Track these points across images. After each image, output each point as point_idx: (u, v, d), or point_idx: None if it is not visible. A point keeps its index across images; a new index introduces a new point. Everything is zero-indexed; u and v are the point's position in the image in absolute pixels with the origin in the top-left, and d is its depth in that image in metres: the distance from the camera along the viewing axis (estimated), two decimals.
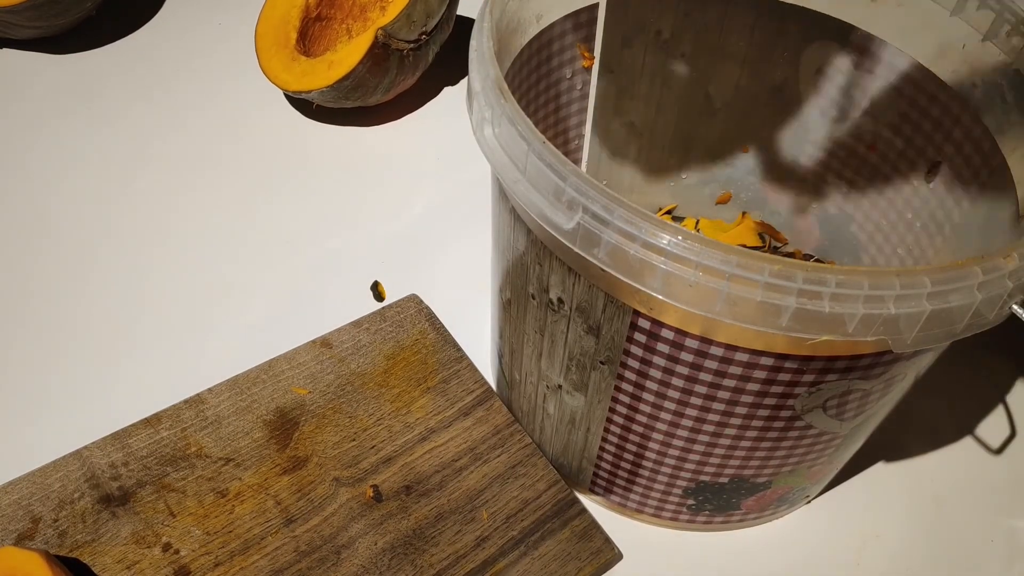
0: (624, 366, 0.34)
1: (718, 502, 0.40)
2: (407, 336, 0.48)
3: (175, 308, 0.51)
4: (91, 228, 0.55)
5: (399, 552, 0.40)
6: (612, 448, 0.39)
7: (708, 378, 0.32)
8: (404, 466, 0.43)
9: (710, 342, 0.30)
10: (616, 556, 0.42)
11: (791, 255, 0.53)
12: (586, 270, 0.31)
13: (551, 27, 0.41)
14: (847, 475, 0.46)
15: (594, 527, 0.42)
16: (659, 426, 0.36)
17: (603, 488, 0.42)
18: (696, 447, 0.36)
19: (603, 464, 0.41)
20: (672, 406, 0.34)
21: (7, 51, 0.68)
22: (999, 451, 0.48)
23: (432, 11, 0.59)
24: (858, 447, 0.40)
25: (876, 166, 0.45)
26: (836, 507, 0.45)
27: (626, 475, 0.40)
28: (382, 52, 0.58)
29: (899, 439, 0.48)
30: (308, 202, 0.58)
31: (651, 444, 0.37)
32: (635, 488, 0.41)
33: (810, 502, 0.45)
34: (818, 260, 0.52)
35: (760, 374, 0.31)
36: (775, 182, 0.51)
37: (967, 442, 0.48)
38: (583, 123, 0.48)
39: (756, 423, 0.34)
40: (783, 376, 0.31)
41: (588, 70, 0.45)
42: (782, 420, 0.34)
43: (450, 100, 0.67)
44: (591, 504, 0.44)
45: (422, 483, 0.42)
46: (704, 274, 0.26)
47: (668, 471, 0.38)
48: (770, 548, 0.43)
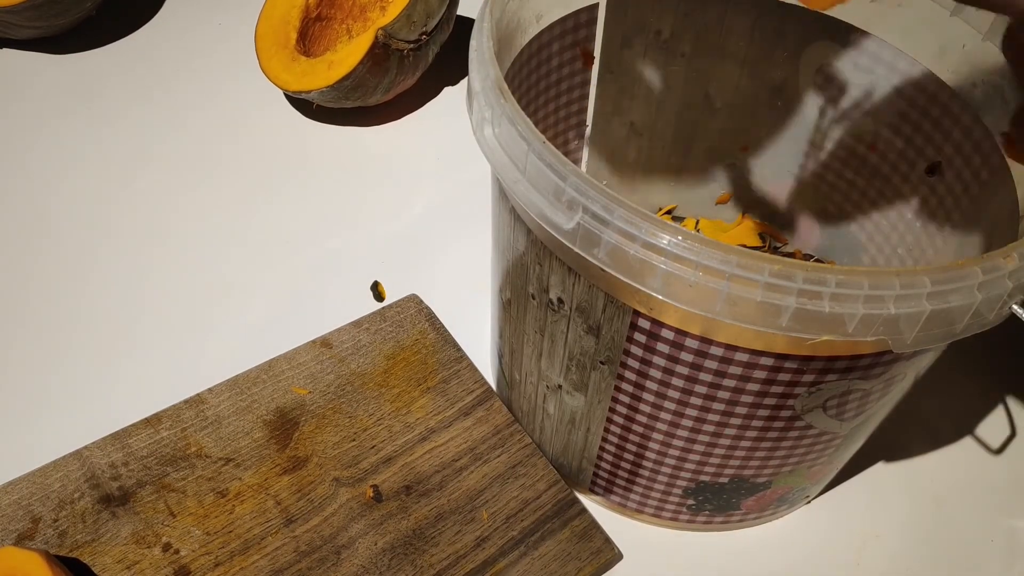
0: (624, 366, 0.34)
1: (718, 502, 0.40)
2: (407, 336, 0.48)
3: (175, 308, 0.51)
4: (91, 228, 0.55)
5: (399, 552, 0.40)
6: (612, 448, 0.39)
7: (708, 378, 0.32)
8: (404, 466, 0.43)
9: (710, 342, 0.30)
10: (616, 556, 0.42)
11: (791, 255, 0.53)
12: (586, 270, 0.31)
13: (551, 27, 0.41)
14: (847, 475, 0.46)
15: (594, 527, 0.42)
16: (659, 426, 0.36)
17: (603, 488, 0.42)
18: (696, 447, 0.36)
19: (603, 464, 0.41)
20: (672, 406, 0.34)
21: (7, 51, 0.68)
22: (999, 451, 0.48)
23: (432, 11, 0.59)
24: (858, 447, 0.40)
25: (876, 166, 0.45)
26: (836, 507, 0.45)
27: (626, 475, 0.40)
28: (382, 52, 0.58)
29: (899, 439, 0.48)
30: (308, 202, 0.58)
31: (651, 444, 0.37)
32: (635, 488, 0.41)
33: (810, 502, 0.45)
34: (818, 260, 0.52)
35: (760, 374, 0.31)
36: (775, 182, 0.51)
37: (967, 442, 0.48)
38: (583, 123, 0.48)
39: (756, 423, 0.34)
40: (783, 376, 0.31)
41: (588, 70, 0.45)
42: (782, 420, 0.34)
43: (450, 100, 0.67)
44: (591, 504, 0.44)
45: (422, 483, 0.42)
46: (704, 274, 0.26)
47: (668, 471, 0.38)
48: (770, 548, 0.43)
